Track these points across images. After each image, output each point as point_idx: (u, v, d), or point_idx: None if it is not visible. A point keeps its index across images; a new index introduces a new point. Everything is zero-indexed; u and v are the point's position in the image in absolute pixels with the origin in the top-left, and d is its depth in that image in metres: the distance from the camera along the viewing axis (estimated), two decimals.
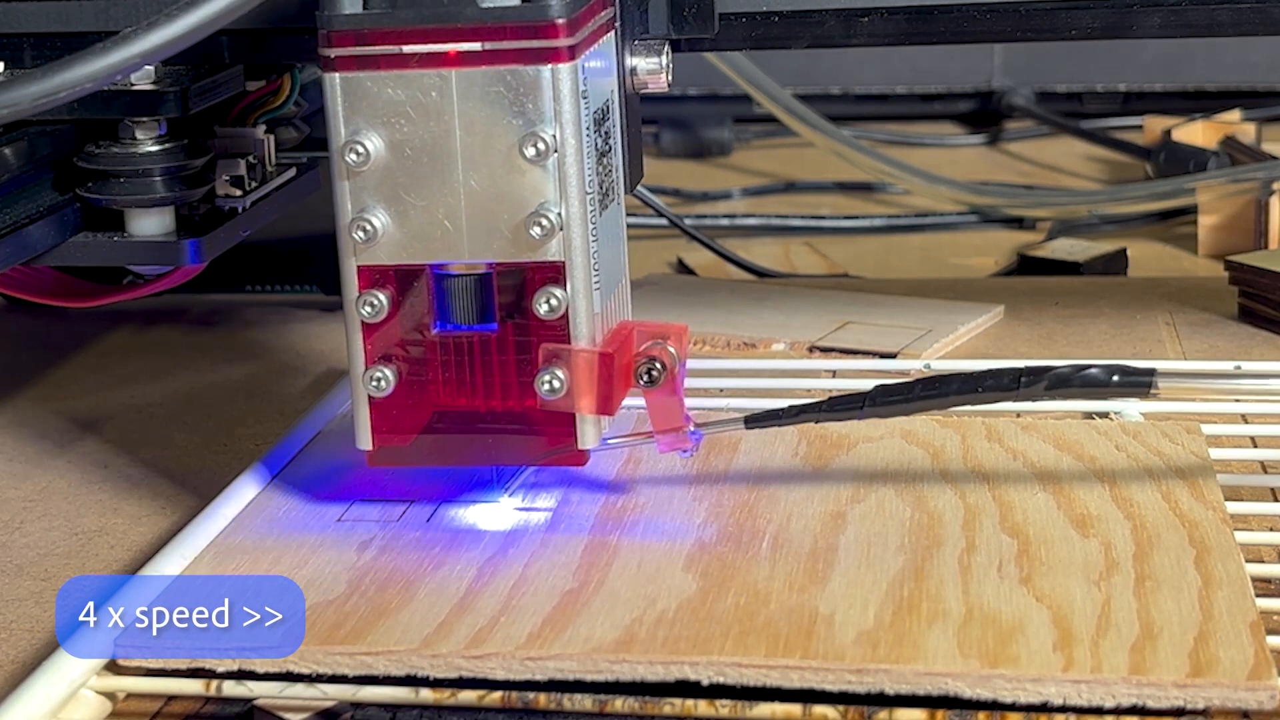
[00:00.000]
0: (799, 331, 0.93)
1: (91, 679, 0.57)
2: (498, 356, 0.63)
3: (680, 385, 0.64)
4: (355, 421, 0.64)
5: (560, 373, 0.62)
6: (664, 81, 0.68)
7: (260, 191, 0.75)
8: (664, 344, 0.64)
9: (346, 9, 0.60)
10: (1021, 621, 0.56)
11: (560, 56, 0.60)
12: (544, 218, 0.61)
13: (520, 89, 0.60)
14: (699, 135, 1.58)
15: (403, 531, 0.65)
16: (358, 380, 0.63)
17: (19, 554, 0.72)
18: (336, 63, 0.60)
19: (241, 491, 0.69)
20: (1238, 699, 0.52)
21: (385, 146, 0.61)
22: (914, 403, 0.64)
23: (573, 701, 0.55)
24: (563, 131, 0.60)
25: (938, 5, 0.74)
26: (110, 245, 0.71)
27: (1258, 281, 0.95)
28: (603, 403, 0.62)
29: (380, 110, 0.61)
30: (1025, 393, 0.63)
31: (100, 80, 0.56)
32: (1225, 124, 1.37)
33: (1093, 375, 0.62)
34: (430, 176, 0.61)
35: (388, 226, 0.62)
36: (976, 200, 1.31)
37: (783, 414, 0.65)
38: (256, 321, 1.03)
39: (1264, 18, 0.73)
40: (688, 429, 0.65)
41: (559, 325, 0.62)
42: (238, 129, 0.75)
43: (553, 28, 0.59)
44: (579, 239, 0.61)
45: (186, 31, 0.56)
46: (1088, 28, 0.74)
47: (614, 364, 0.62)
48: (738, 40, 0.76)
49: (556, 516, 0.65)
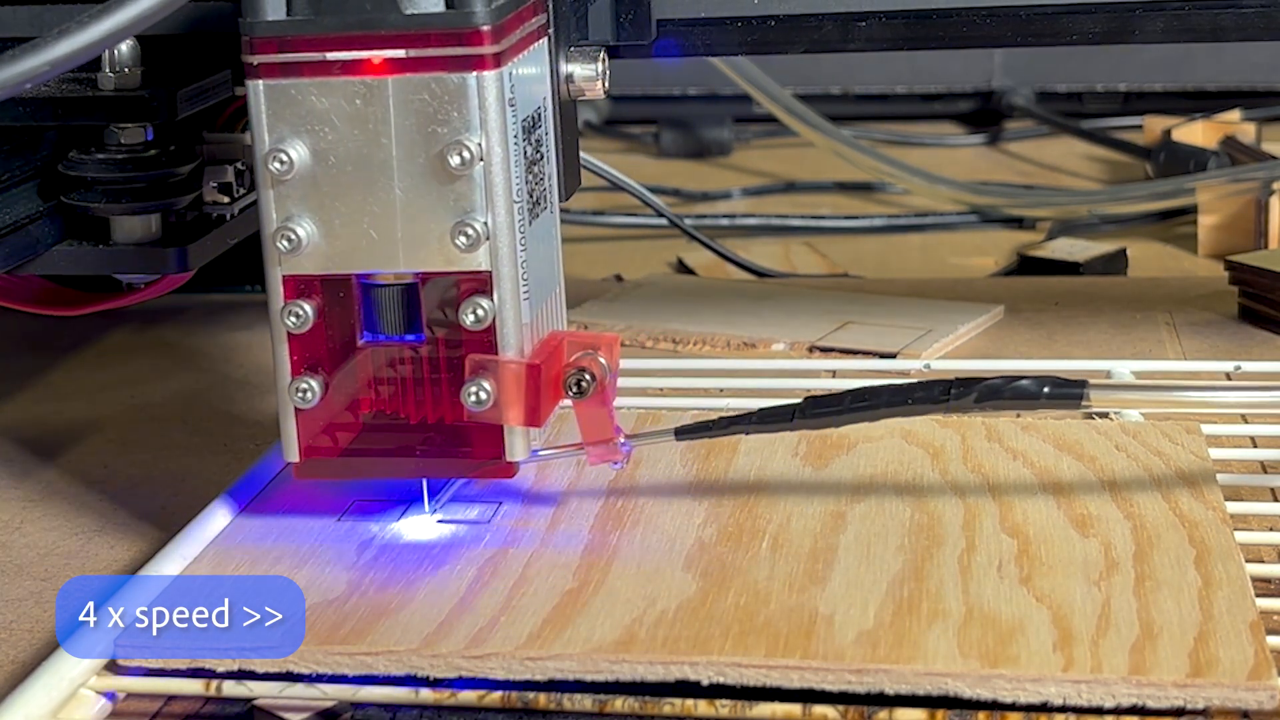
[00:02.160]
0: (799, 331, 0.93)
1: (91, 679, 0.57)
2: (427, 367, 0.62)
3: (610, 397, 0.63)
4: (282, 432, 0.63)
5: (487, 384, 0.61)
6: (600, 89, 0.67)
7: (249, 198, 0.74)
8: (594, 355, 0.63)
9: (270, 15, 0.59)
10: (1021, 621, 0.56)
11: (485, 64, 0.59)
12: (470, 227, 0.60)
13: (445, 97, 0.59)
14: (699, 135, 1.58)
15: (403, 531, 0.65)
16: (283, 391, 0.62)
17: (19, 554, 0.72)
18: (260, 70, 0.59)
19: (241, 492, 0.69)
20: (1238, 699, 0.52)
21: (310, 155, 0.60)
22: (843, 415, 0.63)
23: (573, 701, 0.55)
24: (489, 140, 0.59)
25: (936, 9, 0.74)
26: (95, 253, 0.70)
27: (1258, 281, 0.95)
28: (530, 414, 0.61)
29: (304, 118, 0.60)
30: (955, 405, 0.62)
31: (8, 89, 0.54)
32: (1225, 124, 1.37)
33: (1023, 387, 0.61)
34: (356, 185, 0.60)
35: (313, 235, 0.61)
36: (976, 200, 1.31)
37: (714, 425, 0.65)
38: (256, 321, 1.03)
39: (1269, 22, 0.73)
40: (618, 440, 0.64)
41: (486, 335, 0.61)
42: (226, 135, 0.74)
43: (477, 35, 0.59)
44: (506, 248, 0.60)
45: (99, 39, 0.54)
46: (1089, 32, 0.74)
47: (542, 375, 0.61)
48: (734, 45, 0.75)
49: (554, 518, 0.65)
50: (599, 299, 1.02)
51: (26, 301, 0.77)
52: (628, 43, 0.73)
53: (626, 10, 0.73)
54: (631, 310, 0.99)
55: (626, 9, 0.73)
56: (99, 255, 0.70)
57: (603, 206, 1.33)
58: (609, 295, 1.03)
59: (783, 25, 0.75)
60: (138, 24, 0.55)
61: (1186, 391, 0.63)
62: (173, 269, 0.70)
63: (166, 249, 0.70)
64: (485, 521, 0.65)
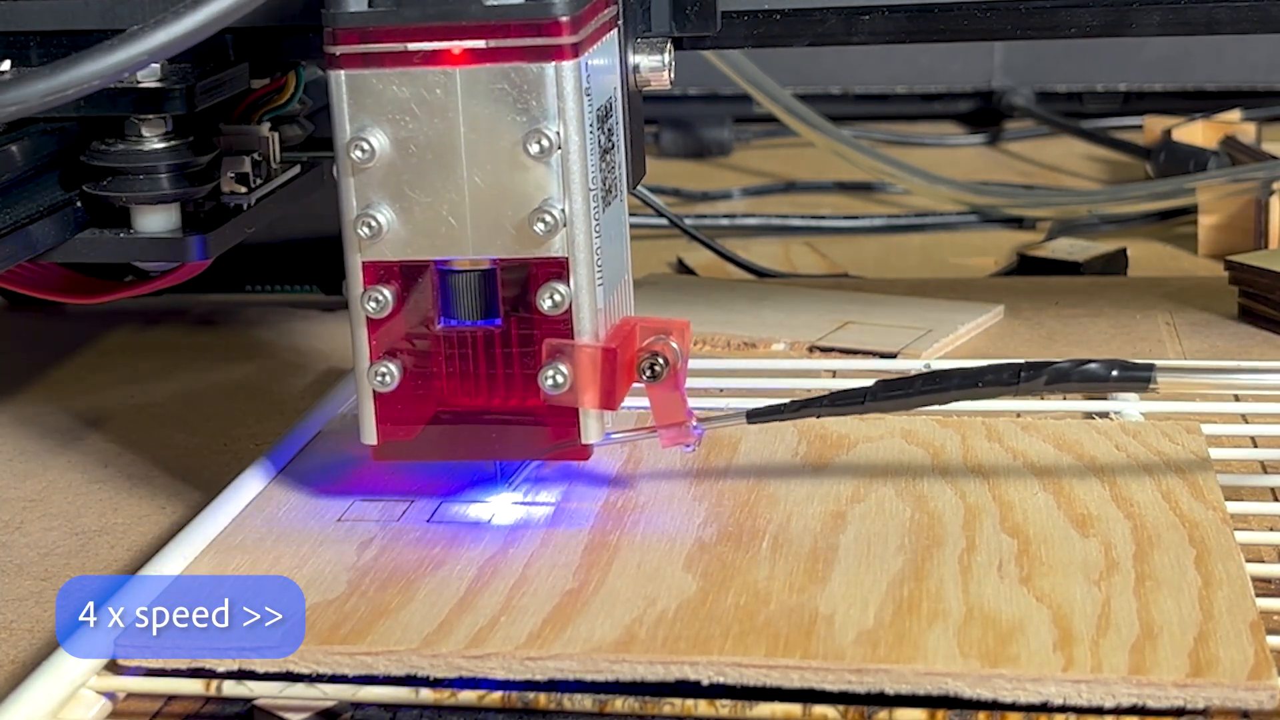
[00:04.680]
0: (799, 331, 0.93)
1: (91, 679, 0.57)
2: (501, 351, 0.63)
3: (683, 380, 0.64)
4: (360, 416, 0.64)
5: (563, 368, 0.62)
6: (666, 79, 0.69)
7: (265, 189, 0.75)
8: (667, 339, 0.64)
9: (352, 7, 0.60)
10: (1021, 621, 0.56)
11: (564, 54, 0.60)
12: (548, 214, 0.61)
13: (524, 86, 0.60)
14: (699, 135, 1.58)
15: (403, 531, 0.65)
16: (363, 375, 0.63)
17: (19, 554, 0.72)
18: (341, 60, 0.61)
19: (242, 491, 0.69)
20: (1238, 699, 0.52)
21: (390, 143, 0.61)
22: (915, 397, 0.64)
23: (573, 701, 0.55)
24: (566, 128, 0.61)
25: (938, 3, 0.74)
26: (116, 241, 0.71)
27: (1258, 281, 0.95)
28: (605, 398, 0.63)
29: (385, 107, 0.61)
30: (1025, 388, 0.63)
31: (107, 78, 0.56)
32: (1225, 124, 1.37)
33: (1092, 370, 0.62)
34: (435, 173, 0.61)
35: (392, 222, 0.62)
36: (976, 200, 1.31)
37: (786, 408, 0.66)
38: (256, 321, 1.03)
39: (1262, 16, 0.73)
40: (690, 424, 0.65)
41: (562, 321, 0.62)
42: (243, 126, 0.75)
43: (556, 25, 0.60)
44: (582, 235, 0.62)
45: (192, 29, 0.57)
46: (1087, 26, 0.74)
47: (617, 359, 0.62)
48: (739, 39, 0.76)
49: (557, 513, 0.66)
50: None
51: (48, 289, 0.78)
52: (692, 33, 0.74)
53: (693, 2, 0.73)
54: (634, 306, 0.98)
55: (694, 1, 0.73)
56: (120, 244, 0.71)
57: None
58: None
59: (788, 19, 0.75)
60: (230, 14, 0.57)
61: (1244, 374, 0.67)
62: (193, 257, 0.71)
63: (187, 237, 0.71)
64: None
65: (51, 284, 0.78)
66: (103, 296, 0.81)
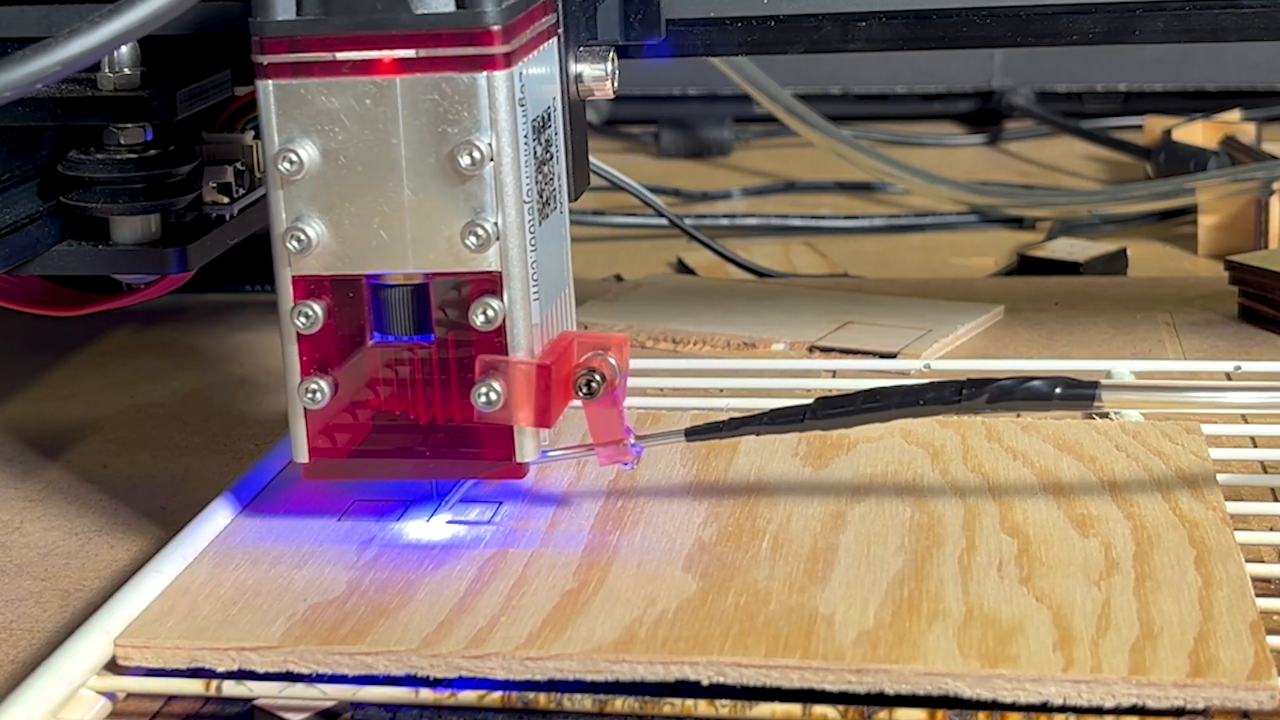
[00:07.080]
0: (799, 331, 0.93)
1: (91, 679, 0.57)
2: (436, 368, 0.62)
3: (621, 397, 0.63)
4: (291, 433, 0.63)
5: (497, 385, 0.60)
6: (609, 89, 0.67)
7: (248, 198, 0.74)
8: (604, 355, 0.63)
9: (279, 15, 0.59)
10: (1021, 621, 0.56)
11: (496, 64, 0.59)
12: (480, 227, 0.60)
13: (455, 97, 0.59)
14: (699, 135, 1.58)
15: (403, 531, 0.65)
16: (293, 392, 0.62)
17: (19, 554, 0.72)
18: (269, 70, 0.59)
19: (242, 491, 0.69)
20: (1238, 699, 0.52)
21: (320, 155, 0.60)
22: (854, 415, 0.63)
23: (573, 701, 0.55)
24: (499, 140, 0.59)
25: (936, 10, 0.74)
26: (95, 253, 0.70)
27: (1258, 281, 0.95)
28: (540, 415, 0.61)
29: (314, 118, 0.60)
30: (966, 406, 0.61)
31: (19, 89, 0.53)
32: (1225, 124, 1.37)
33: (1035, 388, 0.61)
34: (365, 185, 0.60)
35: (323, 236, 0.61)
36: (976, 200, 1.31)
37: (724, 426, 0.64)
38: (256, 321, 1.03)
39: (1269, 22, 0.73)
40: (629, 441, 0.64)
41: (496, 336, 0.61)
42: (225, 135, 0.74)
43: (488, 34, 0.58)
44: (516, 249, 0.60)
45: (109, 39, 0.54)
46: (1089, 33, 0.73)
47: (552, 375, 0.61)
48: (734, 45, 0.75)
49: (555, 514, 0.65)
50: (599, 299, 1.02)
51: (26, 302, 0.77)
52: (637, 42, 0.73)
53: (636, 10, 0.73)
54: (631, 310, 0.99)
55: (636, 8, 0.73)
56: (99, 255, 0.70)
57: (603, 206, 1.34)
58: (609, 295, 1.03)
59: (783, 25, 0.75)
60: (148, 24, 0.55)
61: (1194, 393, 0.63)
62: (172, 269, 0.70)
63: (166, 249, 0.70)
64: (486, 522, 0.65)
65: (31, 296, 0.77)
66: (82, 309, 0.79)
